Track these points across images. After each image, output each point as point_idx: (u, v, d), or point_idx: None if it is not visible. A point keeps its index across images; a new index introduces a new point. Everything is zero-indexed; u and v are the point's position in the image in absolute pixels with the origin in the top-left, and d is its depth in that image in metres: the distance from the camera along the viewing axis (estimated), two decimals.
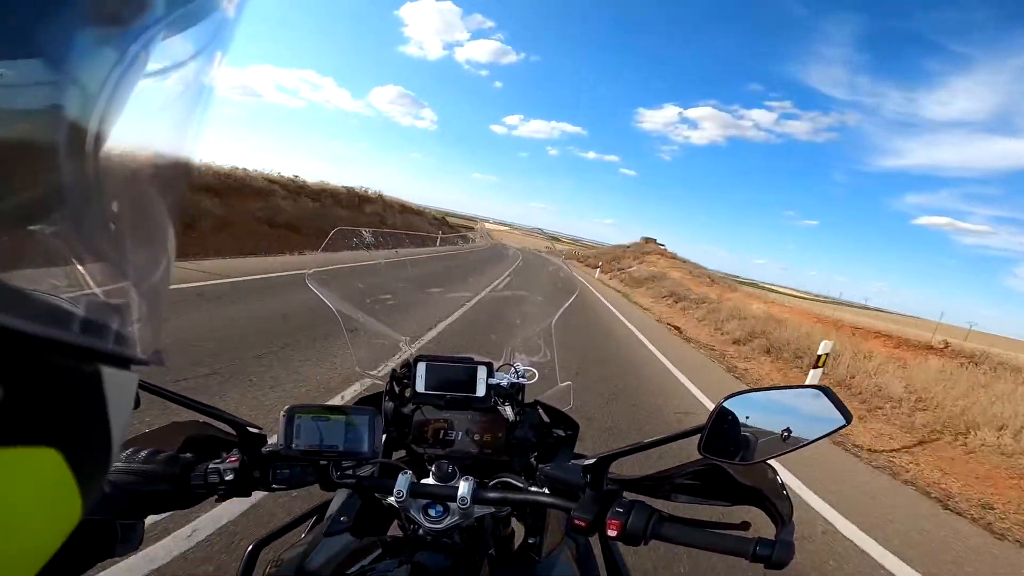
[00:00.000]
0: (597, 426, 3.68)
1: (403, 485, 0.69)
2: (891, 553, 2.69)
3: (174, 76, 0.22)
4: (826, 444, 4.32)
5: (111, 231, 0.20)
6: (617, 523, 0.57)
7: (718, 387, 5.97)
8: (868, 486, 3.77)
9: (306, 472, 0.72)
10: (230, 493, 0.67)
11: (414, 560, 0.65)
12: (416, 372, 0.95)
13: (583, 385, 4.66)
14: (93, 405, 0.20)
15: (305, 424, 0.70)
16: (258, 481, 0.70)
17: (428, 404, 0.94)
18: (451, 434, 0.93)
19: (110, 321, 0.21)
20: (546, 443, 0.96)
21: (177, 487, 0.65)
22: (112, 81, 0.19)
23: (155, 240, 0.23)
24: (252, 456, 0.70)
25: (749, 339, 9.65)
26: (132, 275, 0.22)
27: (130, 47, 0.19)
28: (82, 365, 0.19)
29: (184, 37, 0.22)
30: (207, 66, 0.23)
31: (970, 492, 3.99)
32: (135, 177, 0.22)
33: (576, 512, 0.60)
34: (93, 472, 0.21)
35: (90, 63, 0.18)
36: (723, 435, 0.55)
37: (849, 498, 3.37)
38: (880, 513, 3.26)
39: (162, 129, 0.23)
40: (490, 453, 0.93)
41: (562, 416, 0.99)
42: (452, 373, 0.95)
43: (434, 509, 0.71)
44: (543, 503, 0.67)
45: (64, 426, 0.19)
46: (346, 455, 0.70)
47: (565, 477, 0.66)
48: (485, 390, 0.95)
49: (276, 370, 3.43)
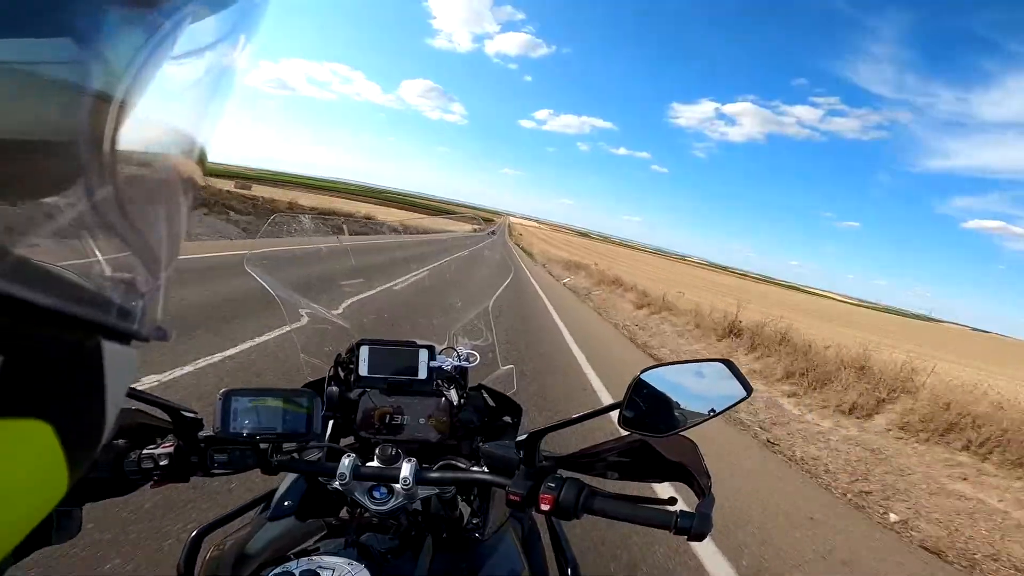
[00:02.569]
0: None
1: (346, 468, 0.69)
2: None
3: (199, 59, 0.22)
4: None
5: (124, 207, 0.20)
6: (550, 497, 0.59)
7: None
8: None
9: (245, 456, 0.71)
10: (166, 478, 0.67)
11: (360, 541, 0.66)
12: (359, 356, 0.96)
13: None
14: (91, 379, 0.20)
15: (241, 407, 0.70)
16: (195, 466, 0.69)
17: (372, 388, 0.95)
18: (397, 419, 0.94)
19: (115, 295, 0.21)
20: (493, 426, 0.98)
21: (111, 474, 0.65)
22: (138, 62, 0.19)
23: (167, 219, 0.23)
24: (188, 441, 0.70)
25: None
26: (141, 251, 0.22)
27: (158, 28, 0.20)
28: (83, 338, 0.19)
29: (211, 20, 0.22)
30: (231, 51, 0.23)
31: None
32: (152, 156, 0.23)
33: (511, 488, 0.63)
34: (83, 448, 0.21)
35: (117, 43, 0.19)
36: (641, 409, 0.61)
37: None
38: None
39: (182, 111, 0.23)
40: (437, 438, 0.94)
41: (505, 399, 1.01)
42: (394, 356, 0.97)
43: (379, 491, 0.71)
44: (480, 480, 0.69)
45: (59, 399, 0.18)
46: (285, 437, 0.70)
47: (502, 454, 0.68)
48: (427, 373, 0.97)
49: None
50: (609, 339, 8.13)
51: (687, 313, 9.74)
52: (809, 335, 7.66)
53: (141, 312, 0.22)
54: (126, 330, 0.21)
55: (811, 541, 2.63)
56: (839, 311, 23.01)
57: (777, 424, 4.62)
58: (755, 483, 3.32)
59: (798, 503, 3.11)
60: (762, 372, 6.18)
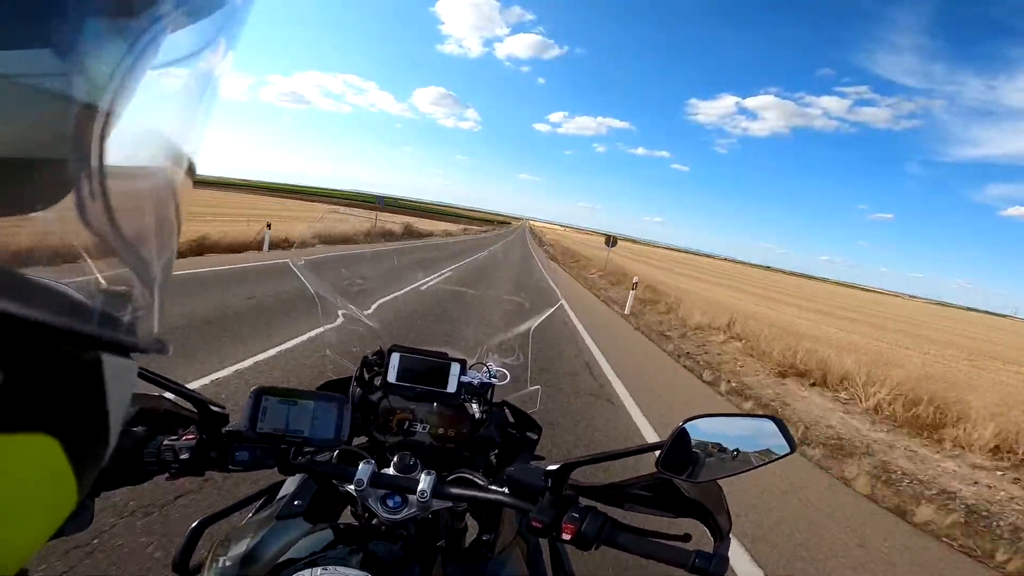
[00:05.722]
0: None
1: (364, 474, 0.68)
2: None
3: (182, 67, 0.22)
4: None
5: (115, 220, 0.20)
6: (572, 527, 0.60)
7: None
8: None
9: (267, 455, 0.70)
10: (183, 471, 0.66)
11: (367, 549, 0.66)
12: (389, 362, 0.95)
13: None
14: (92, 393, 0.20)
15: (272, 407, 0.69)
16: (214, 461, 0.68)
17: (396, 395, 0.94)
18: (415, 425, 0.93)
19: (112, 308, 0.21)
20: (509, 443, 0.97)
21: (129, 463, 0.64)
22: (120, 72, 0.19)
23: (159, 230, 0.23)
24: (211, 435, 0.69)
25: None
26: (135, 263, 0.22)
27: (139, 39, 0.20)
28: (82, 352, 0.19)
29: (193, 28, 0.22)
30: (214, 60, 0.23)
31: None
32: (140, 168, 0.23)
33: (535, 514, 0.63)
34: (90, 460, 0.21)
35: (99, 54, 0.19)
36: (678, 452, 0.60)
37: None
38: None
39: (169, 120, 0.23)
40: (452, 448, 0.93)
41: (527, 419, 1.00)
42: (425, 366, 0.95)
43: (392, 500, 0.70)
44: (504, 503, 0.68)
45: (62, 413, 0.19)
46: (311, 441, 0.70)
47: (528, 480, 0.68)
48: (456, 386, 0.94)
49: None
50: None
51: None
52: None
53: (138, 324, 0.22)
54: (124, 343, 0.21)
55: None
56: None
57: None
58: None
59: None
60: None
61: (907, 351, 12.08)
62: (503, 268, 12.68)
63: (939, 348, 15.75)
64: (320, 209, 34.23)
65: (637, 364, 6.08)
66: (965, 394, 5.82)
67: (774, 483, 3.22)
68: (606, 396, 4.37)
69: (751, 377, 6.36)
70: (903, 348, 12.93)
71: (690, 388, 5.52)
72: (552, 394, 4.05)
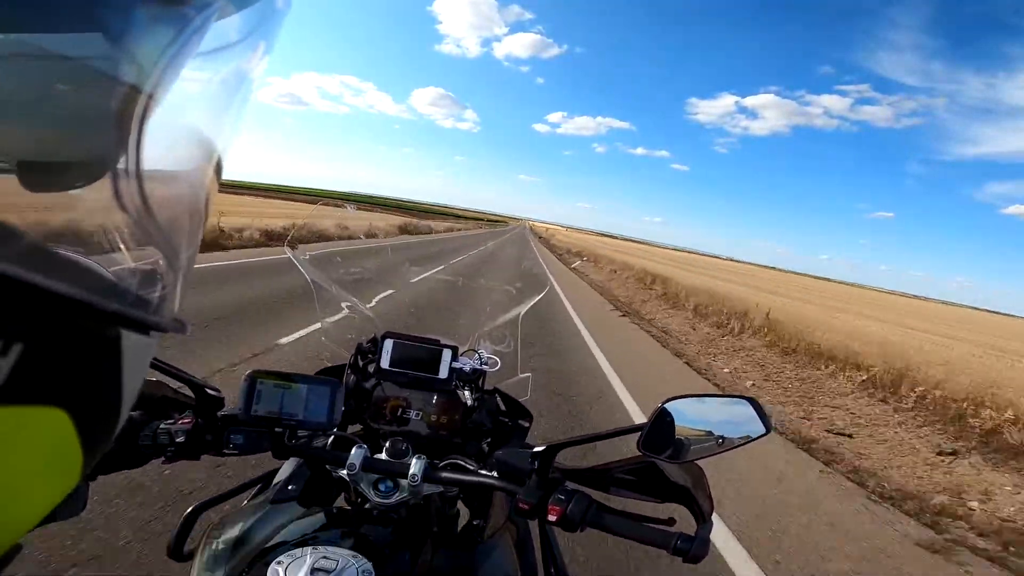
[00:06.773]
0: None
1: (357, 459, 0.69)
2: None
3: (223, 58, 0.23)
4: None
5: (149, 203, 0.21)
6: (558, 509, 0.61)
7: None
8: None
9: (262, 439, 0.71)
10: (178, 455, 0.66)
11: (359, 532, 0.67)
12: (383, 348, 0.97)
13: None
14: (108, 369, 0.20)
15: (266, 390, 0.69)
16: (209, 445, 0.69)
17: (390, 381, 0.96)
18: (408, 412, 0.94)
19: (137, 287, 0.21)
20: (500, 430, 0.98)
21: (124, 446, 0.64)
22: (167, 57, 0.20)
23: (188, 213, 0.24)
24: (207, 419, 0.69)
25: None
26: (163, 246, 0.22)
27: (187, 25, 0.20)
28: (104, 328, 0.19)
29: (236, 18, 0.22)
30: (252, 53, 0.24)
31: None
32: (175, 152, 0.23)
33: (521, 496, 0.64)
34: (99, 436, 0.21)
35: (146, 40, 0.19)
36: (660, 434, 0.62)
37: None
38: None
39: (205, 111, 0.24)
40: (445, 435, 0.94)
41: (518, 406, 1.02)
42: (417, 353, 0.98)
43: (384, 485, 0.72)
44: (491, 485, 0.69)
45: (76, 388, 0.19)
46: (305, 424, 0.70)
47: (515, 462, 0.69)
48: (448, 372, 0.97)
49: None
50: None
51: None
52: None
53: (160, 303, 0.23)
54: (146, 321, 0.22)
55: None
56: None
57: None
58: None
59: None
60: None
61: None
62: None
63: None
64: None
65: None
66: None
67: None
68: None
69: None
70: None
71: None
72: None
